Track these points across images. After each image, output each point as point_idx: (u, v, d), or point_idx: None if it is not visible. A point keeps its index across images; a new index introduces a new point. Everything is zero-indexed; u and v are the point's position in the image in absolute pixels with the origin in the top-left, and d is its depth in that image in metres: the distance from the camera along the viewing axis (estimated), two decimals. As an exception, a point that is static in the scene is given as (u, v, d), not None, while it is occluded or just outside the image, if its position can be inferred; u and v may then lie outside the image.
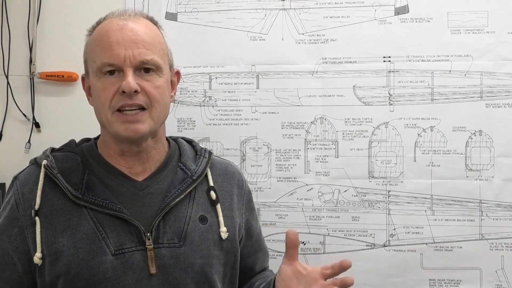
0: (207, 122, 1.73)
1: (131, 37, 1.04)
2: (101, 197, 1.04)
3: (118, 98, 1.02)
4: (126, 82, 1.01)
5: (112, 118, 1.04)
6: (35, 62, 1.77)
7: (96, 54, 1.05)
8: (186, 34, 1.74)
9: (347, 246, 1.67)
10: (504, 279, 1.62)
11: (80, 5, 1.78)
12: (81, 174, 1.06)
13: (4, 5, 1.78)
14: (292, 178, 1.70)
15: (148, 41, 1.05)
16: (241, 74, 1.72)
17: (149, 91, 1.04)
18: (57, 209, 1.03)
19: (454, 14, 1.64)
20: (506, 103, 1.62)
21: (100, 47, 1.04)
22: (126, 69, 1.02)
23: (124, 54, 1.02)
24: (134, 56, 1.02)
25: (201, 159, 1.17)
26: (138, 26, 1.06)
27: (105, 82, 1.03)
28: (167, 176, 1.12)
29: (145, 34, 1.06)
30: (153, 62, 1.05)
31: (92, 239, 1.01)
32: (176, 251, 1.05)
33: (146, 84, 1.04)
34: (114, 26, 1.05)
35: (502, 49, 1.62)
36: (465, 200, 1.63)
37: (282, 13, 1.71)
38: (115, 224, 1.03)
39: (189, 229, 1.08)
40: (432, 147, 1.64)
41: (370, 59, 1.67)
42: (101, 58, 1.03)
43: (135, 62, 1.02)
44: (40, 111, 1.79)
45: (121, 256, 1.02)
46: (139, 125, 1.03)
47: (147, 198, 1.08)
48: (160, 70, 1.06)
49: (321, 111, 1.69)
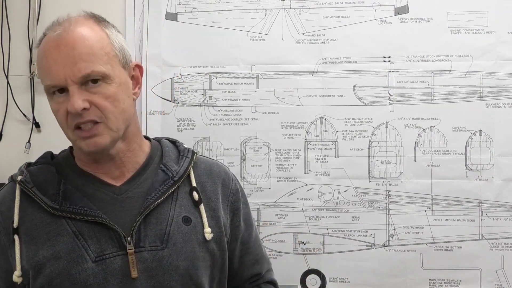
0: (207, 122, 1.73)
1: (67, 53, 0.99)
2: (79, 205, 1.02)
3: (71, 117, 1.00)
4: (70, 104, 0.98)
5: (73, 136, 1.02)
6: (35, 62, 1.77)
7: (40, 75, 1.03)
8: (186, 34, 1.74)
9: (347, 246, 1.67)
10: (504, 279, 1.62)
11: (80, 5, 1.77)
12: (57, 185, 1.05)
13: (4, 5, 1.78)
14: (292, 178, 1.70)
15: (86, 52, 0.99)
16: (241, 74, 1.72)
17: (99, 103, 1.00)
18: (36, 224, 1.02)
19: (454, 14, 1.64)
20: (506, 103, 1.62)
21: (42, 68, 1.02)
22: (70, 88, 0.99)
23: (64, 73, 0.98)
24: (73, 74, 0.98)
25: (183, 159, 1.14)
26: (74, 36, 1.00)
27: (56, 103, 1.02)
28: (147, 178, 1.10)
29: (82, 45, 0.99)
30: (96, 73, 1.00)
31: (71, 248, 1.00)
32: (158, 254, 1.03)
33: (95, 97, 1.00)
34: (50, 44, 1.01)
35: (502, 49, 1.62)
36: (465, 200, 1.63)
37: (282, 13, 1.71)
38: (95, 230, 1.02)
39: (171, 231, 1.05)
40: (432, 147, 1.64)
41: (370, 59, 1.67)
42: (45, 80, 1.01)
43: (76, 79, 0.98)
44: (40, 111, 1.79)
45: (102, 262, 1.00)
46: (98, 139, 1.01)
47: (127, 202, 1.06)
48: (108, 77, 1.01)
49: (321, 111, 1.69)
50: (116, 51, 1.04)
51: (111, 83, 1.02)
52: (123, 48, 1.06)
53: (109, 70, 1.01)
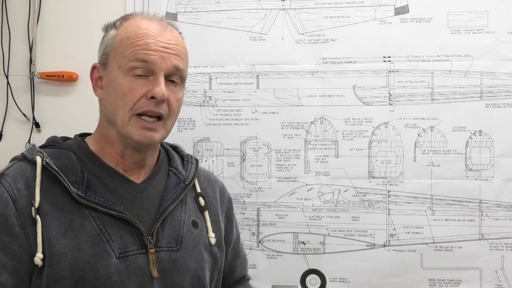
0: (207, 122, 1.73)
1: (169, 44, 1.04)
2: (104, 197, 1.01)
3: (144, 102, 1.01)
4: (159, 88, 1.00)
5: (129, 121, 1.02)
6: (35, 62, 1.77)
7: (129, 50, 1.02)
8: (186, 34, 1.72)
9: (347, 246, 1.67)
10: (504, 279, 1.62)
11: (80, 5, 1.78)
12: (80, 173, 1.02)
13: (4, 5, 1.78)
14: (292, 178, 1.70)
15: (182, 52, 1.07)
16: (241, 74, 1.72)
17: (172, 102, 1.05)
18: (57, 208, 0.99)
19: (454, 14, 1.64)
20: (506, 103, 1.62)
21: (136, 44, 1.02)
22: (159, 74, 1.01)
23: (161, 57, 1.02)
24: (171, 61, 1.03)
25: (189, 165, 1.17)
26: (176, 35, 1.08)
27: (133, 82, 1.01)
28: (161, 179, 1.12)
29: (180, 45, 1.07)
30: (182, 72, 1.06)
31: (96, 241, 0.99)
32: (173, 254, 1.05)
33: (171, 94, 1.04)
34: (153, 29, 1.04)
35: (502, 49, 1.62)
36: (465, 200, 1.63)
37: (282, 13, 1.71)
38: (118, 226, 1.01)
39: (184, 233, 1.08)
40: (432, 147, 1.64)
41: (370, 59, 1.67)
42: (137, 53, 1.01)
43: (170, 67, 1.03)
44: (40, 111, 1.78)
45: (125, 259, 1.00)
46: (154, 134, 1.03)
47: (146, 200, 1.07)
48: (183, 83, 1.08)
49: (321, 111, 1.69)
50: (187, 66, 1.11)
51: (182, 89, 1.08)
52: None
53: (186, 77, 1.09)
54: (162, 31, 1.05)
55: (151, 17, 1.09)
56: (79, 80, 1.75)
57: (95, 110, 1.13)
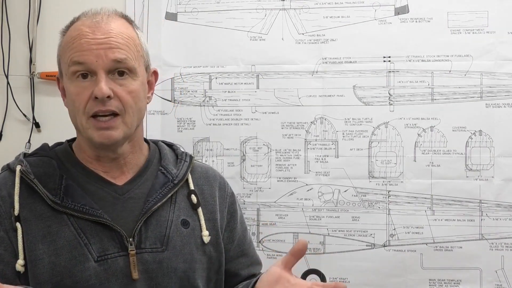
0: (207, 122, 1.73)
1: (103, 38, 1.01)
2: (81, 202, 1.01)
3: (92, 103, 1.00)
4: (98, 87, 0.99)
5: (87, 124, 1.02)
6: (35, 62, 1.77)
7: (67, 55, 1.03)
8: (186, 34, 1.74)
9: (347, 246, 1.67)
10: (504, 279, 1.62)
11: (80, 5, 1.76)
12: (58, 179, 1.04)
13: (4, 5, 1.78)
14: (292, 178, 1.70)
15: (121, 42, 1.02)
16: (241, 74, 1.72)
17: (122, 96, 1.02)
18: (36, 215, 1.01)
19: (454, 14, 1.64)
20: (506, 103, 1.62)
21: (72, 48, 1.02)
22: (99, 72, 1.00)
23: (96, 54, 1.00)
24: (106, 55, 1.00)
25: (182, 163, 1.15)
26: (112, 26, 1.03)
27: (78, 87, 1.02)
28: (148, 180, 1.10)
29: (118, 35, 1.03)
30: (126, 62, 1.02)
31: (73, 246, 0.99)
32: (159, 256, 1.04)
33: (119, 89, 1.02)
34: (86, 28, 1.02)
35: (502, 49, 1.62)
36: (465, 200, 1.63)
37: (282, 13, 1.71)
38: (97, 230, 1.01)
39: (171, 234, 1.06)
40: (432, 147, 1.64)
41: (370, 59, 1.67)
42: (72, 58, 1.01)
43: (107, 61, 1.00)
44: (40, 111, 1.79)
45: (103, 262, 1.00)
46: (112, 132, 1.02)
47: (128, 202, 1.06)
48: (134, 72, 1.04)
49: (321, 111, 1.69)
50: (143, 52, 1.08)
51: (135, 79, 1.04)
52: (147, 52, 1.10)
53: (137, 66, 1.05)
54: (95, 27, 1.02)
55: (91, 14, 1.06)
56: (79, 80, 1.75)
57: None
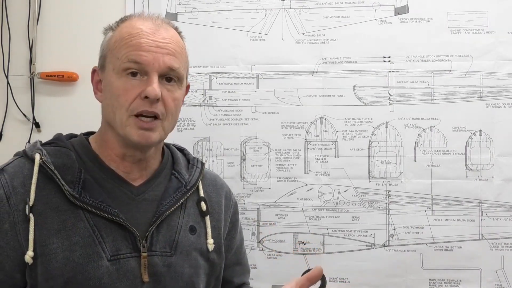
0: (207, 122, 1.73)
1: (163, 43, 1.03)
2: (99, 199, 1.01)
3: (139, 102, 1.00)
4: (152, 88, 0.99)
5: (127, 122, 1.01)
6: (35, 62, 1.77)
7: (122, 51, 1.02)
8: (186, 34, 1.72)
9: (347, 246, 1.67)
10: (504, 279, 1.62)
11: (80, 5, 1.78)
12: (77, 173, 1.02)
13: (4, 5, 1.78)
14: (292, 178, 1.70)
15: (177, 50, 1.05)
16: (241, 74, 1.72)
17: (168, 101, 1.03)
18: (51, 208, 0.99)
19: (454, 14, 1.64)
20: (506, 103, 1.62)
21: (129, 45, 1.02)
22: (152, 73, 1.01)
23: (154, 57, 1.01)
24: (164, 61, 1.01)
25: (194, 169, 1.16)
26: (171, 33, 1.06)
27: (127, 83, 1.01)
28: (161, 183, 1.10)
29: (175, 43, 1.05)
30: (178, 72, 1.04)
31: (88, 243, 0.99)
32: (167, 259, 1.04)
33: (166, 94, 1.03)
34: (147, 28, 1.03)
35: (502, 49, 1.62)
36: (465, 200, 1.63)
37: (282, 13, 1.71)
38: (111, 228, 1.01)
39: (180, 239, 1.07)
40: (432, 147, 1.64)
41: (370, 59, 1.67)
42: (129, 54, 1.01)
43: (163, 67, 1.01)
44: (40, 111, 1.79)
45: (116, 262, 1.00)
46: (151, 133, 1.02)
47: (142, 204, 1.06)
48: (181, 82, 1.06)
49: (321, 111, 1.69)
50: (187, 64, 1.11)
51: (181, 88, 1.07)
52: (189, 65, 1.13)
53: (184, 76, 1.07)
54: (156, 30, 1.03)
55: (147, 17, 1.07)
56: (79, 80, 1.75)
57: (95, 110, 1.13)
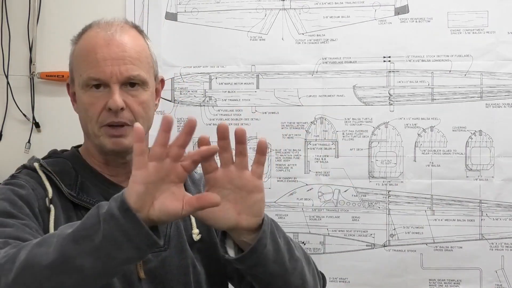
0: (207, 122, 1.73)
1: (118, 53, 1.04)
2: (95, 198, 1.04)
3: (105, 114, 1.03)
4: (112, 100, 1.02)
5: (99, 132, 1.05)
6: (35, 62, 1.77)
7: (82, 68, 1.06)
8: (186, 34, 1.74)
9: (347, 246, 1.67)
10: (504, 279, 1.62)
11: (80, 5, 1.78)
12: (74, 178, 1.07)
13: (4, 5, 1.78)
14: (292, 178, 1.70)
15: (134, 56, 1.06)
16: (241, 74, 1.72)
17: (134, 107, 1.05)
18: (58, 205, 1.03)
19: (454, 14, 1.64)
20: (506, 103, 1.62)
21: (87, 62, 1.05)
22: (113, 85, 1.03)
23: (111, 71, 1.02)
24: (121, 73, 1.03)
25: None
26: (125, 40, 1.06)
27: (92, 97, 1.04)
28: None
29: (131, 49, 1.06)
30: (139, 78, 1.05)
31: None
32: (161, 254, 1.05)
33: (131, 100, 1.05)
34: (101, 41, 1.05)
35: (502, 49, 1.62)
36: (465, 200, 1.63)
37: (282, 13, 1.71)
38: None
39: (171, 233, 1.08)
40: (432, 147, 1.64)
41: (370, 59, 1.67)
42: (88, 73, 1.04)
43: (122, 78, 1.03)
44: (40, 111, 1.79)
45: None
46: (123, 140, 1.05)
47: None
48: (146, 84, 1.07)
49: (321, 111, 1.69)
50: (153, 62, 1.12)
51: (146, 90, 1.08)
52: (156, 61, 1.14)
53: (148, 78, 1.08)
54: (110, 40, 1.05)
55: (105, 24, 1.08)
56: (79, 80, 1.75)
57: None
